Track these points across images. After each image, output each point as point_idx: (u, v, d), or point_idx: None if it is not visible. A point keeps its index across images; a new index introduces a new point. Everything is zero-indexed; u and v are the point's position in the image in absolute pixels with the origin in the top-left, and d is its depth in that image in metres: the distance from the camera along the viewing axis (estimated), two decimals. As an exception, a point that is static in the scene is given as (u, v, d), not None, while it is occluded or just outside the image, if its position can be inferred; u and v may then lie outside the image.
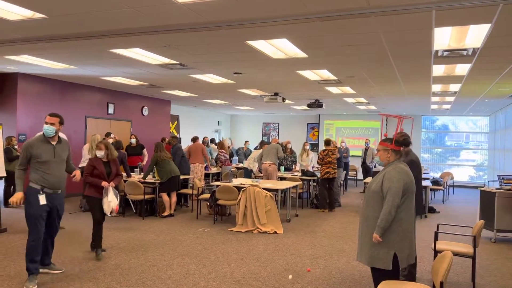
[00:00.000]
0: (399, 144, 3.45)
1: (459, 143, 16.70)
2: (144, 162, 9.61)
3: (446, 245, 4.41)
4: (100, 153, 5.07)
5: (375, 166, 12.96)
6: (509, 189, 6.47)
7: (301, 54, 6.04)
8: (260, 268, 4.77)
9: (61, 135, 4.56)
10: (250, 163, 10.08)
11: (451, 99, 10.83)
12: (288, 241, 6.10)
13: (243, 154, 14.14)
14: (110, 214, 4.97)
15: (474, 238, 4.16)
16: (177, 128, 15.19)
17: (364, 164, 12.84)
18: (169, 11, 4.21)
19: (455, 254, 4.14)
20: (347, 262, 5.15)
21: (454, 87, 8.89)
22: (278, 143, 9.61)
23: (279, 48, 5.82)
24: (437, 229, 4.54)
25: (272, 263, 4.98)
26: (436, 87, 8.97)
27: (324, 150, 9.12)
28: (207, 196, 7.70)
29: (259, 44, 5.58)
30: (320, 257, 5.31)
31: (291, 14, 4.20)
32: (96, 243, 5.05)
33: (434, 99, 10.97)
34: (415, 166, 3.83)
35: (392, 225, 3.23)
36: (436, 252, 4.35)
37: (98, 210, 4.99)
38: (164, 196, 7.64)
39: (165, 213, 7.64)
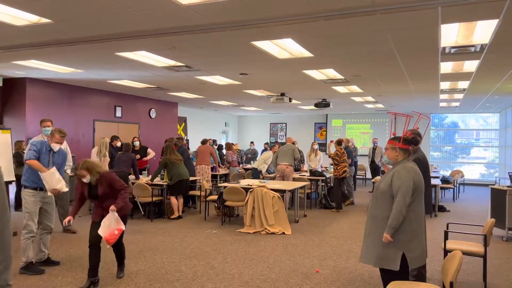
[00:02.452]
0: (408, 143, 3.41)
1: (469, 140, 16.50)
2: (148, 158, 9.51)
3: (457, 244, 4.35)
4: (85, 179, 4.10)
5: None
6: None
7: (306, 53, 6.01)
8: (268, 270, 4.75)
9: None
10: (260, 164, 9.97)
11: (460, 96, 10.70)
12: (296, 242, 6.07)
13: (250, 154, 14.28)
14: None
15: (485, 237, 4.09)
16: (185, 130, 15.23)
17: (372, 163, 12.75)
18: (173, 13, 4.21)
19: (466, 253, 4.09)
20: (356, 262, 5.11)
21: (463, 84, 8.79)
22: (293, 142, 9.39)
23: (284, 48, 5.80)
24: (447, 228, 4.49)
25: (280, 264, 4.96)
26: (445, 85, 8.87)
27: (341, 149, 9.19)
28: (215, 197, 7.70)
29: (264, 45, 5.56)
30: (329, 258, 5.28)
31: (295, 14, 4.18)
32: (118, 263, 4.49)
33: (443, 96, 10.85)
34: (421, 164, 3.79)
35: (400, 224, 3.20)
36: (446, 252, 4.29)
37: (92, 233, 4.13)
38: (173, 199, 7.64)
39: (174, 216, 7.64)
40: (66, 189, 4.82)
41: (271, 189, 6.90)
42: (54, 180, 4.60)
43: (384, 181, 3.36)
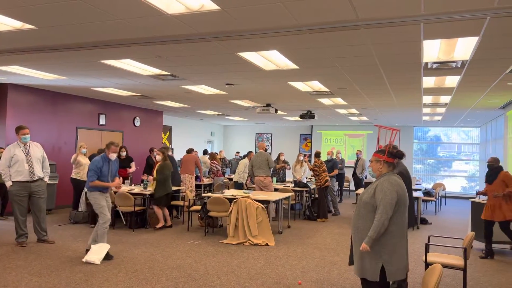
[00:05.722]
0: (392, 156, 3.45)
1: (451, 154, 16.79)
2: (130, 171, 9.42)
3: (437, 257, 4.39)
4: None
5: (365, 177, 12.98)
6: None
7: (292, 65, 6.06)
8: (251, 282, 4.71)
9: None
10: (240, 176, 9.75)
11: (442, 110, 10.91)
12: (279, 253, 6.04)
13: (235, 164, 14.26)
14: None
15: (465, 250, 4.14)
16: (170, 139, 15.13)
17: (354, 175, 12.84)
18: (159, 22, 4.21)
19: (446, 266, 4.12)
20: (338, 274, 5.11)
21: (445, 99, 8.96)
22: (265, 149, 9.24)
23: (270, 59, 5.83)
24: (428, 241, 4.53)
25: (263, 276, 4.92)
26: (427, 99, 9.04)
27: (318, 160, 9.44)
28: (198, 207, 7.64)
29: (250, 56, 5.59)
30: (312, 270, 5.26)
31: (281, 26, 4.22)
32: None
33: (425, 110, 11.05)
34: (404, 178, 3.83)
35: (381, 237, 3.22)
36: (427, 265, 4.32)
37: None
38: (157, 208, 7.52)
39: (159, 225, 7.49)
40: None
41: (255, 200, 6.87)
42: None
43: (367, 192, 3.39)
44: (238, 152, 15.73)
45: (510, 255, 6.44)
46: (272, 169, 9.01)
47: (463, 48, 4.94)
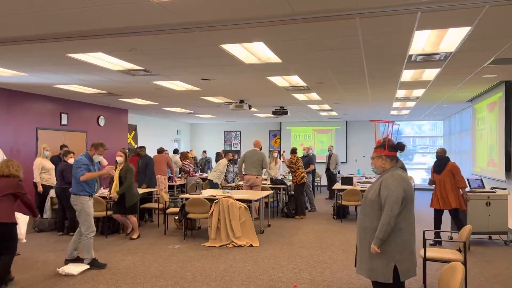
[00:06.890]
0: (393, 149, 3.29)
1: (408, 146, 17.34)
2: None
3: (434, 252, 4.32)
4: None
5: (338, 172, 13.00)
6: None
7: (274, 59, 5.82)
8: (244, 286, 4.44)
9: None
10: (216, 176, 9.30)
11: (412, 104, 11.06)
12: (266, 254, 5.80)
13: (204, 164, 13.94)
14: None
15: (464, 244, 4.08)
16: (135, 138, 14.51)
17: (328, 170, 12.82)
18: (142, 10, 3.83)
19: (444, 261, 4.05)
20: (331, 273, 4.94)
21: (417, 93, 9.04)
22: (260, 148, 8.78)
23: (252, 52, 5.56)
24: (424, 235, 4.44)
25: (255, 280, 4.66)
26: (400, 93, 9.08)
27: (295, 156, 9.29)
28: (176, 209, 7.25)
29: (233, 48, 5.29)
30: (303, 270, 5.07)
31: (272, 15, 3.97)
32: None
33: (396, 104, 11.16)
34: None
35: (391, 235, 3.06)
36: (425, 260, 4.24)
37: None
38: (133, 217, 6.85)
39: (135, 236, 6.84)
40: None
41: (237, 199, 6.59)
42: None
43: (372, 190, 3.21)
44: (204, 151, 15.33)
45: (489, 245, 6.54)
46: (264, 168, 8.53)
47: (450, 39, 4.89)
